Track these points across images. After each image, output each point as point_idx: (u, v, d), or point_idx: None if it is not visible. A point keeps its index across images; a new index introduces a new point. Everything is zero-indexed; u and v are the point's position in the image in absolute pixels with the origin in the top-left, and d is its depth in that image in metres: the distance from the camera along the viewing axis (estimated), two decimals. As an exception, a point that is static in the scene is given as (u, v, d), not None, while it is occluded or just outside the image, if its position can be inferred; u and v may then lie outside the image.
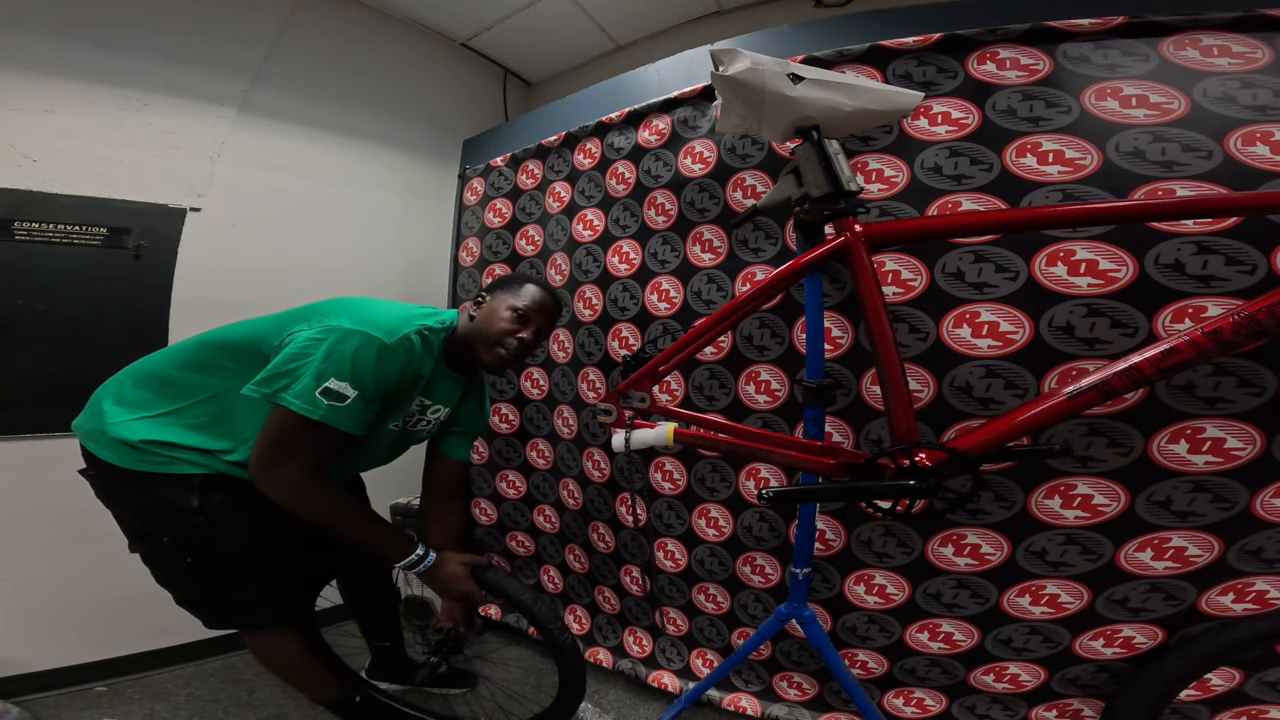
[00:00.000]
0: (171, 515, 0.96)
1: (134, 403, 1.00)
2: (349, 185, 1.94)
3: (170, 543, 0.99)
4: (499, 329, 1.08)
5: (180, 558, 1.00)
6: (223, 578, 1.02)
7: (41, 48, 1.39)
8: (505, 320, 1.08)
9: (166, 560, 1.02)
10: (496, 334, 1.08)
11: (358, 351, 0.91)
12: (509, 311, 1.09)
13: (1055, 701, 1.12)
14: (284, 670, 1.13)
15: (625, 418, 1.14)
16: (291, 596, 1.10)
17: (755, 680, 1.40)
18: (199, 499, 0.96)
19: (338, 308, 0.98)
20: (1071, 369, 1.01)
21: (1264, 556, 0.95)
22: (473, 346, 1.10)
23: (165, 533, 0.99)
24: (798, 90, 0.93)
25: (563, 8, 1.99)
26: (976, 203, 1.07)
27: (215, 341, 1.03)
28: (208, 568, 1.00)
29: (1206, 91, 0.95)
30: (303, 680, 1.15)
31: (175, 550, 1.00)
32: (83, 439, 1.02)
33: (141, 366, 1.05)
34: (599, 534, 1.61)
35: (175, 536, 0.99)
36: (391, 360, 0.95)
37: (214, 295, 1.63)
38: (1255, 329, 0.73)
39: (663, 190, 1.41)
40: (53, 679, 1.43)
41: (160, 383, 1.01)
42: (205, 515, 0.96)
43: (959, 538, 1.12)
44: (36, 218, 1.40)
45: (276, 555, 1.06)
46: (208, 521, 0.96)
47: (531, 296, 1.13)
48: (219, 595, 1.04)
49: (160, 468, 0.95)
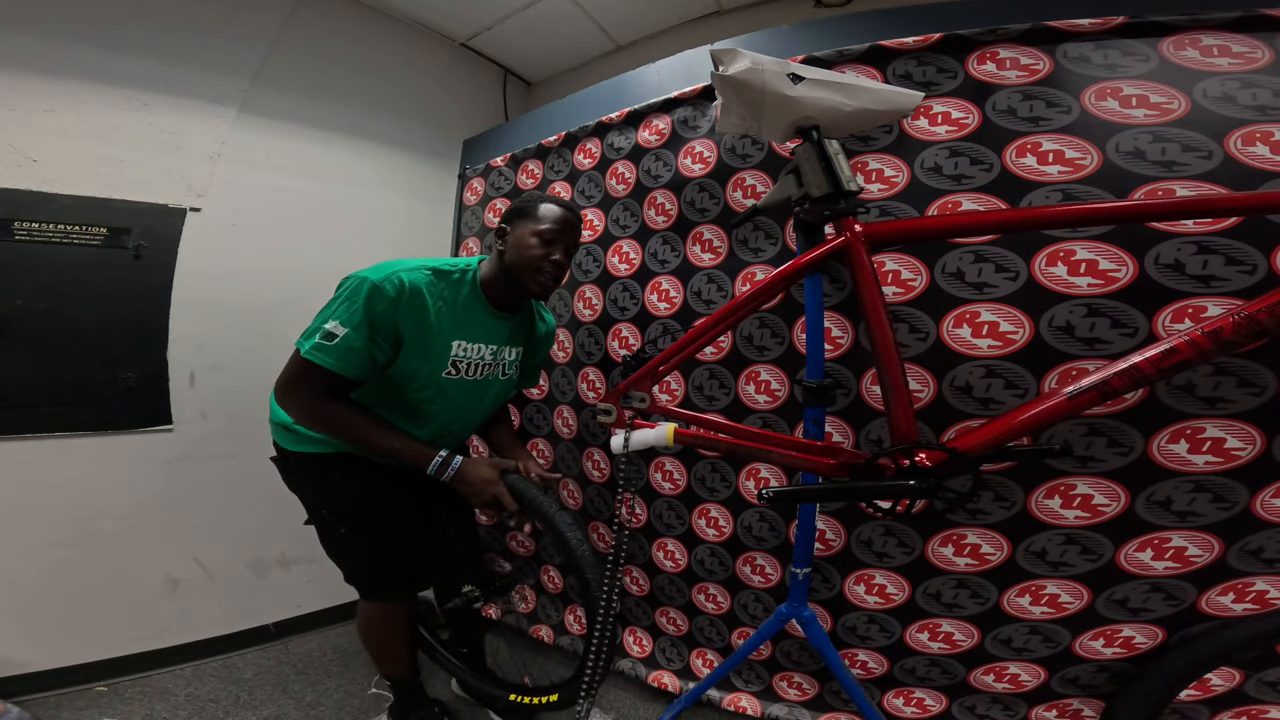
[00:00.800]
0: (324, 490, 1.13)
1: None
2: (349, 185, 1.94)
3: (329, 514, 1.14)
4: (530, 256, 1.09)
5: (335, 528, 1.14)
6: (362, 547, 1.15)
7: (41, 48, 1.39)
8: (534, 247, 1.09)
9: (328, 531, 1.16)
10: (530, 262, 1.10)
11: (351, 293, 0.99)
12: (534, 238, 1.10)
13: (1055, 701, 1.12)
14: (375, 639, 1.26)
15: (625, 418, 1.14)
16: (408, 575, 1.21)
17: (755, 680, 1.40)
18: (340, 475, 1.10)
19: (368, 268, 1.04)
20: (1071, 369, 1.01)
21: (1264, 556, 0.95)
22: (515, 280, 1.12)
23: (323, 505, 1.15)
24: (798, 90, 0.93)
25: (563, 8, 1.99)
26: (976, 203, 1.07)
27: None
28: (354, 538, 1.14)
29: (1206, 91, 0.95)
30: (384, 652, 1.27)
31: (333, 522, 1.14)
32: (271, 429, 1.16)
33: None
34: (599, 534, 1.61)
35: (331, 509, 1.14)
36: (377, 295, 0.98)
37: (214, 295, 1.64)
38: (1255, 329, 0.73)
39: (663, 190, 1.41)
40: (53, 679, 1.43)
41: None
42: (347, 488, 1.11)
43: (959, 538, 1.12)
44: (36, 218, 1.40)
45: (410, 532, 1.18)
46: (347, 495, 1.11)
47: (551, 216, 1.12)
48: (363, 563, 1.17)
49: (310, 448, 1.10)
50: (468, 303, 1.11)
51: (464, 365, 1.13)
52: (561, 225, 1.12)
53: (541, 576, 1.79)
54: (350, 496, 1.12)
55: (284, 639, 1.77)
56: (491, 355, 1.18)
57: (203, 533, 1.65)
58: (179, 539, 1.62)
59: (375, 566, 1.17)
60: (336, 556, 1.19)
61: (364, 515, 1.13)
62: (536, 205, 1.13)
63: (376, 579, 1.19)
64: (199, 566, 1.65)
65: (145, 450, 1.56)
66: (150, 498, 1.56)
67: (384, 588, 1.20)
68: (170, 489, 1.59)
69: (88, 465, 1.48)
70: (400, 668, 1.29)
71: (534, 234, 1.10)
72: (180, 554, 1.63)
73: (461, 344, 1.11)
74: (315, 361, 0.97)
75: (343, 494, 1.12)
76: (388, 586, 1.20)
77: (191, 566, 1.64)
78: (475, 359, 1.15)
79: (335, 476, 1.11)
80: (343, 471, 1.10)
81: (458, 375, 1.13)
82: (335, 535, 1.15)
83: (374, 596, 1.21)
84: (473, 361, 1.14)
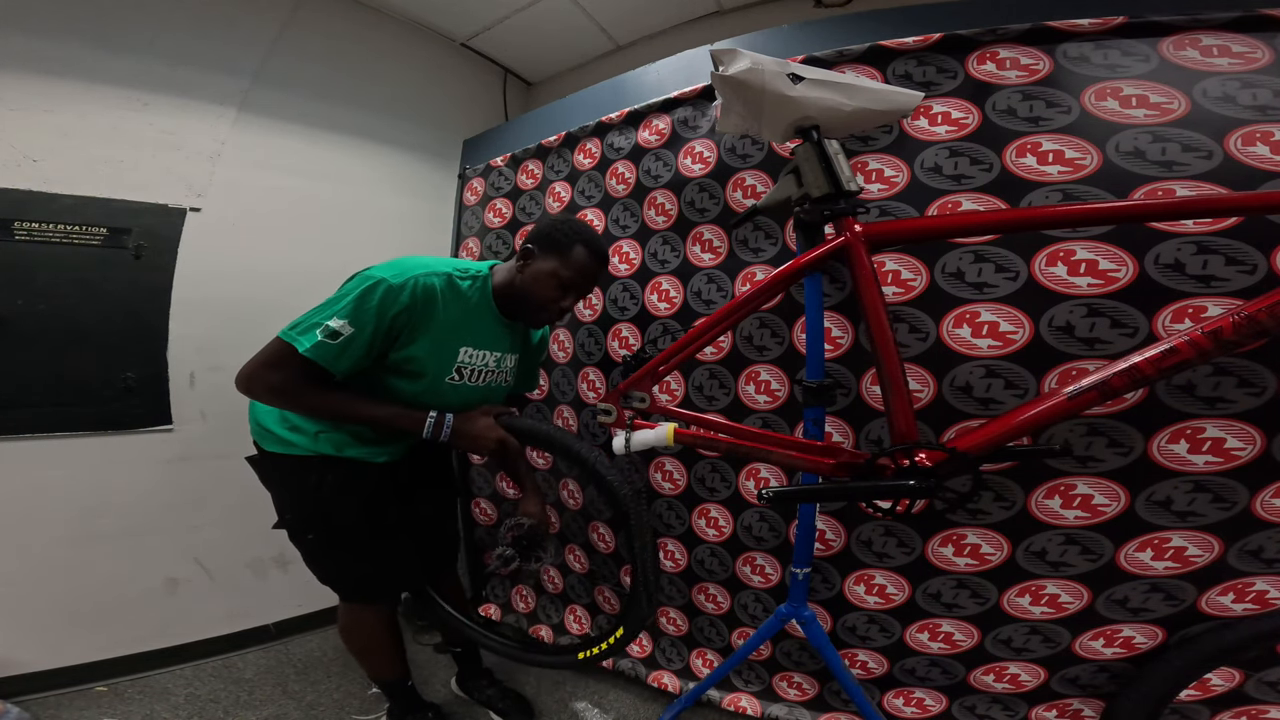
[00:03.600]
0: (297, 494, 1.09)
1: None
2: (349, 185, 1.94)
3: (294, 519, 1.12)
4: (543, 298, 1.09)
5: (302, 534, 1.12)
6: (338, 551, 1.13)
7: (42, 47, 1.39)
8: (550, 289, 1.08)
9: (298, 536, 1.13)
10: (541, 302, 1.10)
11: (366, 293, 0.96)
12: (554, 280, 1.08)
13: (1055, 701, 1.12)
14: (356, 642, 1.25)
15: (625, 418, 1.14)
16: (387, 577, 1.19)
17: (755, 680, 1.40)
18: (316, 478, 1.06)
19: (380, 265, 1.02)
20: (1071, 369, 1.01)
21: (1264, 556, 0.95)
22: (517, 304, 1.12)
23: (290, 509, 1.12)
24: (798, 90, 0.93)
25: (563, 8, 1.99)
26: (976, 203, 1.07)
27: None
28: (326, 542, 1.12)
29: (1206, 91, 0.95)
30: (369, 656, 1.26)
31: (299, 528, 1.12)
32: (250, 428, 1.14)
33: None
34: (599, 534, 1.61)
35: (298, 513, 1.11)
36: (394, 299, 0.97)
37: (214, 295, 1.64)
38: (1255, 329, 0.73)
39: (663, 190, 1.41)
40: (53, 679, 1.43)
41: None
42: (320, 494, 1.06)
43: (959, 538, 1.12)
44: (36, 218, 1.40)
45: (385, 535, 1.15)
46: (320, 499, 1.07)
47: (579, 265, 1.09)
48: (337, 567, 1.15)
49: (288, 450, 1.07)
50: (478, 309, 1.10)
51: (469, 371, 1.12)
52: (585, 276, 1.10)
53: (541, 576, 1.79)
54: (321, 500, 1.07)
55: (284, 639, 1.77)
56: (495, 362, 1.17)
57: (203, 533, 1.65)
58: (179, 539, 1.62)
59: (348, 570, 1.15)
60: (308, 559, 1.16)
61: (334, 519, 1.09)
62: (570, 245, 1.08)
63: (352, 582, 1.17)
64: (199, 566, 1.65)
65: (145, 450, 1.56)
66: (150, 498, 1.57)
67: (360, 590, 1.18)
68: (170, 489, 1.59)
69: (88, 465, 1.48)
70: (386, 670, 1.28)
71: (555, 277, 1.07)
72: (180, 554, 1.63)
73: (468, 350, 1.11)
74: (311, 357, 0.94)
75: (313, 498, 1.07)
76: (364, 589, 1.18)
77: (191, 566, 1.64)
78: (480, 365, 1.14)
79: (309, 478, 1.06)
80: (318, 474, 1.06)
81: (460, 381, 1.12)
82: (304, 540, 1.13)
83: (349, 599, 1.19)
84: (477, 368, 1.14)
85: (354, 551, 1.13)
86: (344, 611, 1.21)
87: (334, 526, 1.10)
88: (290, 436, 1.07)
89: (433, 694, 1.41)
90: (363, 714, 1.41)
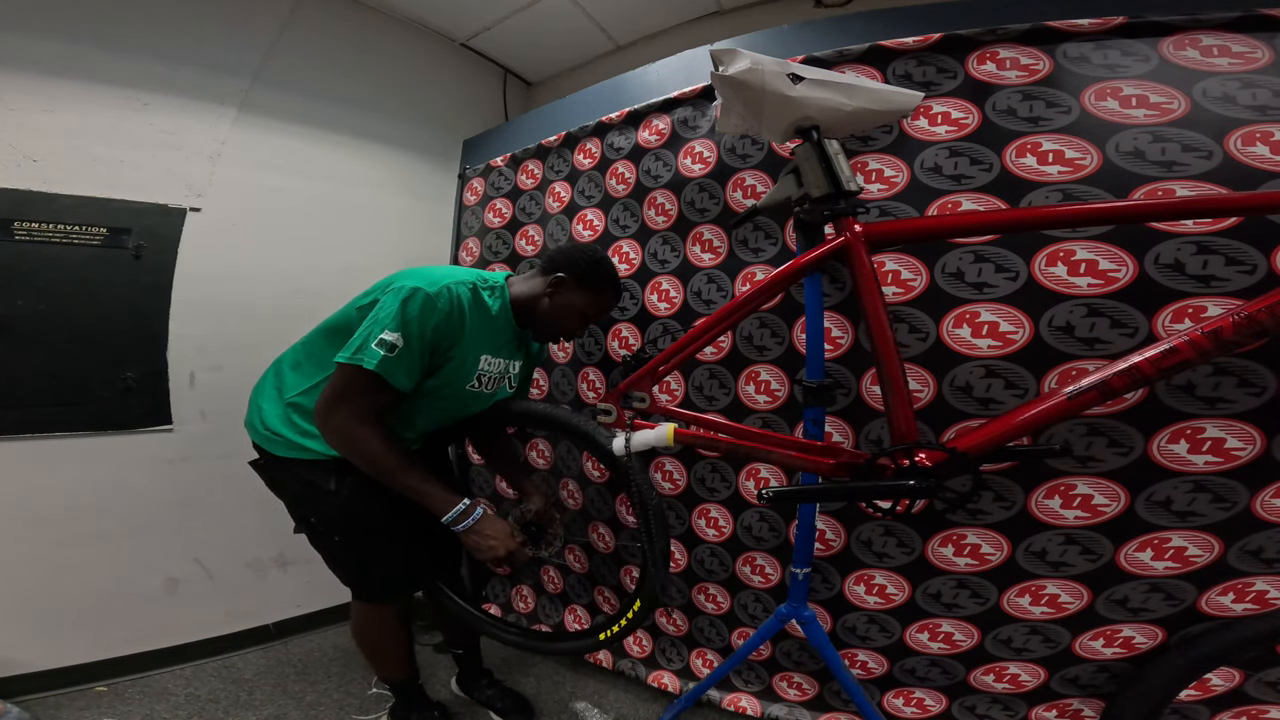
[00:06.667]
0: (316, 497, 1.08)
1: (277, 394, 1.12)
2: (349, 185, 1.94)
3: (319, 523, 1.12)
4: (565, 328, 1.18)
5: (329, 536, 1.12)
6: (364, 552, 1.14)
7: (42, 47, 1.39)
8: (574, 321, 1.18)
9: (320, 539, 1.14)
10: (561, 331, 1.19)
11: (405, 303, 0.97)
12: (579, 316, 1.17)
13: (1055, 701, 1.12)
14: (370, 642, 1.26)
15: (625, 418, 1.14)
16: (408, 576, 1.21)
17: (755, 680, 1.40)
18: (335, 481, 1.07)
19: (406, 275, 1.05)
20: (1071, 369, 1.01)
21: (1264, 556, 0.95)
22: (537, 322, 1.18)
23: (313, 513, 1.12)
24: (798, 90, 0.93)
25: (563, 8, 1.99)
26: (976, 203, 1.07)
27: (320, 328, 1.14)
28: (352, 544, 1.12)
29: (1206, 91, 0.95)
30: (381, 655, 1.28)
31: (324, 530, 1.12)
32: (250, 434, 1.14)
33: (282, 360, 1.18)
34: (599, 534, 1.61)
35: (322, 517, 1.11)
36: (432, 307, 0.98)
37: (214, 295, 1.64)
38: (1255, 329, 0.73)
39: (663, 190, 1.41)
40: (53, 679, 1.43)
41: (292, 373, 1.13)
42: (340, 496, 1.07)
43: (959, 538, 1.12)
44: (36, 218, 1.40)
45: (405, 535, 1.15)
46: (343, 501, 1.07)
47: (604, 307, 1.21)
48: (360, 569, 1.17)
49: (302, 454, 1.07)
50: (498, 318, 1.13)
51: (486, 379, 1.15)
52: (604, 313, 1.23)
53: (541, 576, 1.79)
54: (343, 503, 1.08)
55: (284, 639, 1.78)
56: (502, 368, 1.20)
57: (202, 533, 1.65)
58: (179, 539, 1.62)
59: (371, 571, 1.16)
60: (331, 562, 1.17)
61: (358, 521, 1.11)
62: (603, 288, 1.18)
63: (374, 583, 1.18)
64: (199, 566, 1.65)
65: (145, 450, 1.56)
66: (150, 498, 1.57)
67: (382, 590, 1.19)
68: (170, 489, 1.59)
69: (88, 465, 1.48)
70: (398, 669, 1.29)
71: (581, 313, 1.17)
72: (180, 554, 1.63)
73: (487, 358, 1.13)
74: (381, 374, 0.95)
75: (335, 501, 1.08)
76: (386, 589, 1.19)
77: (191, 566, 1.64)
78: (494, 372, 1.17)
79: (328, 481, 1.07)
80: (336, 476, 1.08)
81: (479, 388, 1.15)
82: (329, 543, 1.14)
83: (370, 599, 1.20)
84: (492, 375, 1.17)
85: (379, 552, 1.14)
86: (358, 611, 1.22)
87: (360, 528, 1.11)
88: (302, 441, 1.07)
89: (432, 694, 1.41)
90: (363, 714, 1.41)
